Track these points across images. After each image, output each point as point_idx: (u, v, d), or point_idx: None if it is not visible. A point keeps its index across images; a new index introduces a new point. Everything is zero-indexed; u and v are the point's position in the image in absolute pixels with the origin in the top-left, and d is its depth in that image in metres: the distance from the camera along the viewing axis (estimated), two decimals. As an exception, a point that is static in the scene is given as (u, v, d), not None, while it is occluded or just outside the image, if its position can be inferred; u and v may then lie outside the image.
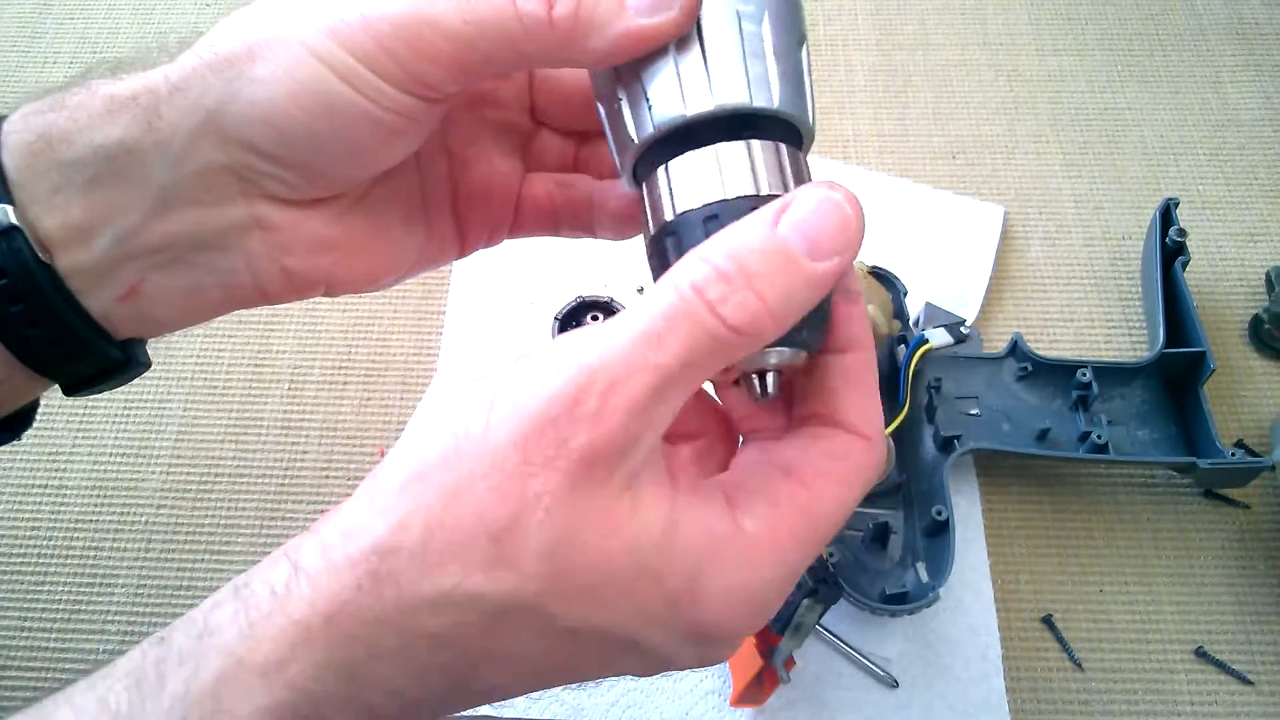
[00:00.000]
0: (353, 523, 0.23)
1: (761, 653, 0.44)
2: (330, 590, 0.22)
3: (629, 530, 0.22)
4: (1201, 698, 0.47)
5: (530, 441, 0.22)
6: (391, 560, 0.22)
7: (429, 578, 0.22)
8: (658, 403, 0.22)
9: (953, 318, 0.52)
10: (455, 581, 0.22)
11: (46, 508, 0.53)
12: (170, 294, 0.29)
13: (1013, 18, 0.70)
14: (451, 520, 0.22)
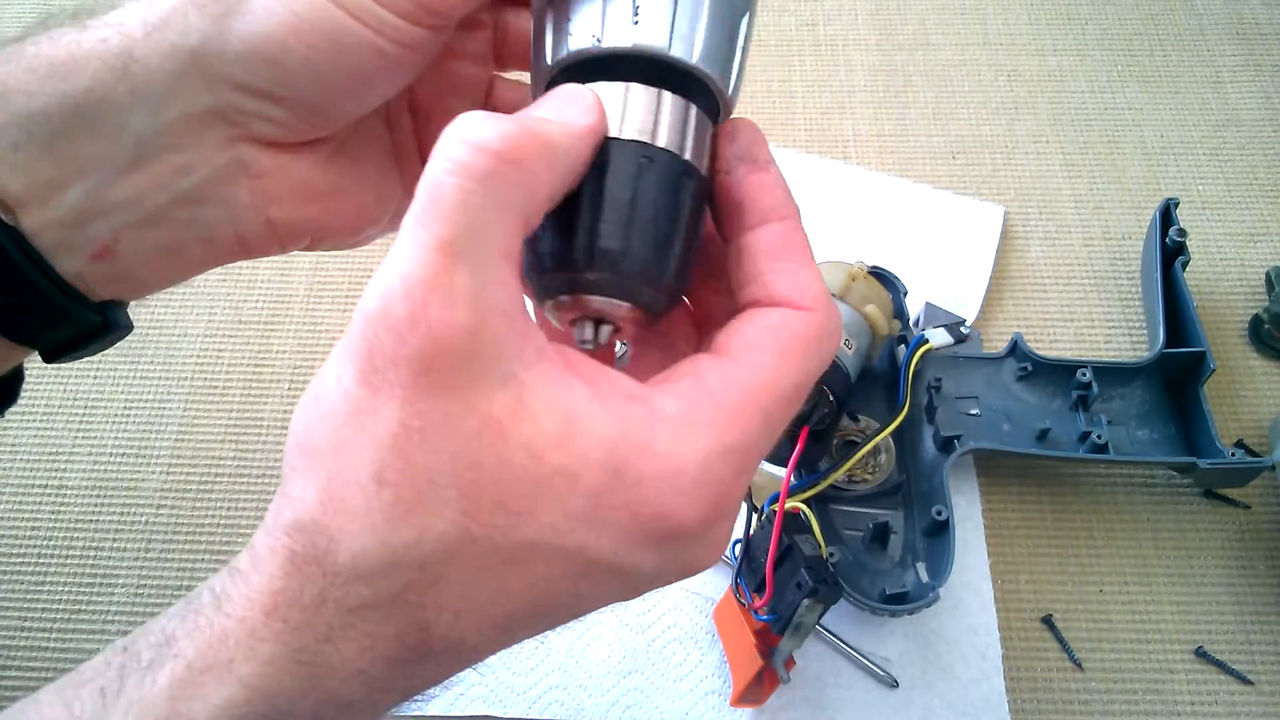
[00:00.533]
0: (269, 515, 0.22)
1: (761, 653, 0.44)
2: (261, 584, 0.21)
3: (520, 431, 0.20)
4: (1201, 698, 0.47)
5: (368, 373, 0.20)
6: (301, 537, 0.21)
7: (339, 544, 0.21)
8: (466, 272, 0.20)
9: (953, 318, 0.52)
10: (364, 541, 0.20)
11: (47, 508, 0.53)
12: (146, 251, 0.28)
13: (1012, 18, 0.70)
14: (338, 478, 0.21)
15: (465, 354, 0.20)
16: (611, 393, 0.22)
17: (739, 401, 0.22)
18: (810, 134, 0.65)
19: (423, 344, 0.20)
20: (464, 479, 0.20)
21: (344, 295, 0.59)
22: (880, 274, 0.53)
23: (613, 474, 0.21)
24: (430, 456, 0.20)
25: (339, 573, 0.21)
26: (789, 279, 0.24)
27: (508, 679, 0.47)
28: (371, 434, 0.20)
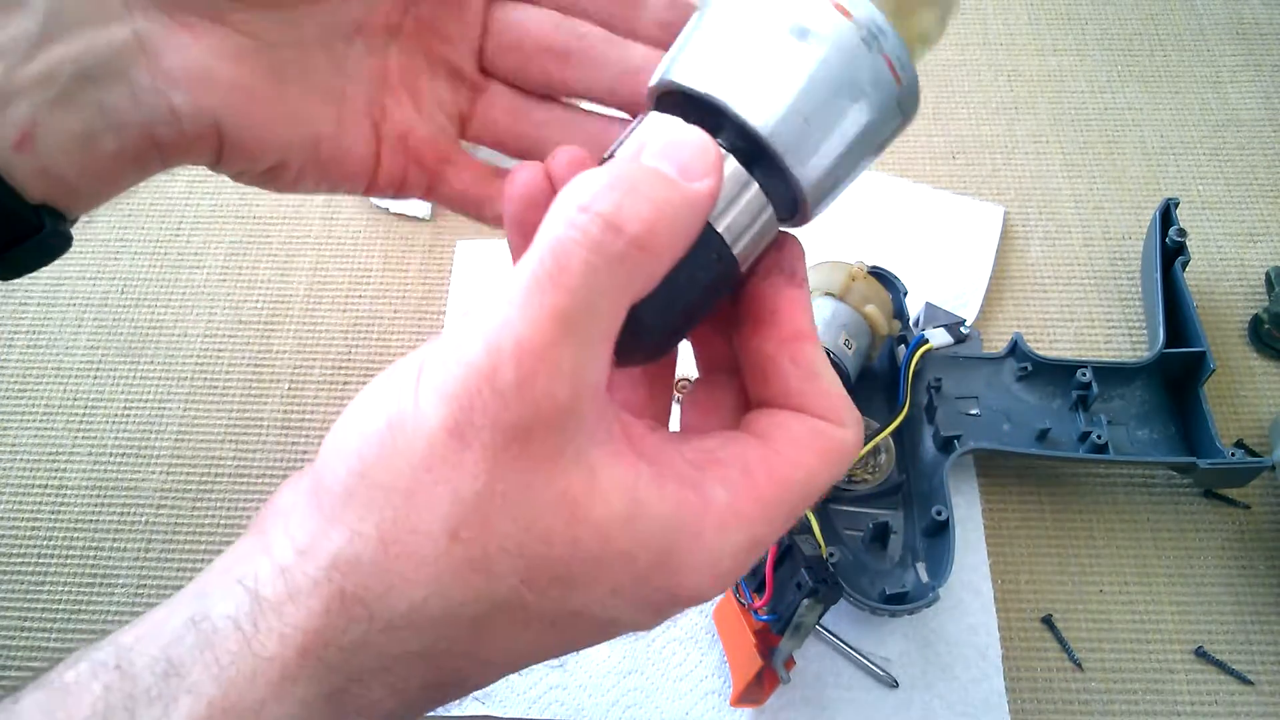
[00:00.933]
0: (305, 535, 0.21)
1: (761, 653, 0.44)
2: (298, 620, 0.21)
3: (593, 512, 0.21)
4: (1201, 698, 0.47)
5: (461, 427, 0.20)
6: (354, 576, 0.20)
7: (397, 591, 0.20)
8: (574, 349, 0.20)
9: (953, 318, 0.52)
10: (425, 594, 0.20)
11: (46, 508, 0.53)
12: (65, 141, 0.27)
13: (1012, 17, 0.70)
14: (406, 522, 0.20)
15: (557, 429, 0.20)
16: (671, 476, 0.22)
17: (777, 498, 0.23)
18: (810, 134, 0.65)
19: (524, 413, 0.20)
20: (533, 550, 0.21)
21: (343, 295, 0.59)
22: (880, 274, 0.53)
23: (663, 558, 0.22)
24: (507, 523, 0.20)
25: (390, 620, 0.21)
26: (825, 401, 0.25)
27: (508, 679, 0.47)
28: (453, 488, 0.20)
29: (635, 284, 0.21)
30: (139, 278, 0.60)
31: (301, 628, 0.20)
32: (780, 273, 0.25)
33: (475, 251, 0.60)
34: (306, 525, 0.21)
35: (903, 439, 0.51)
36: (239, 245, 0.61)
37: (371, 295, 0.59)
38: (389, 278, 0.60)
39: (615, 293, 0.21)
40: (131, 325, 0.59)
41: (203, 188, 0.64)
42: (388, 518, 0.20)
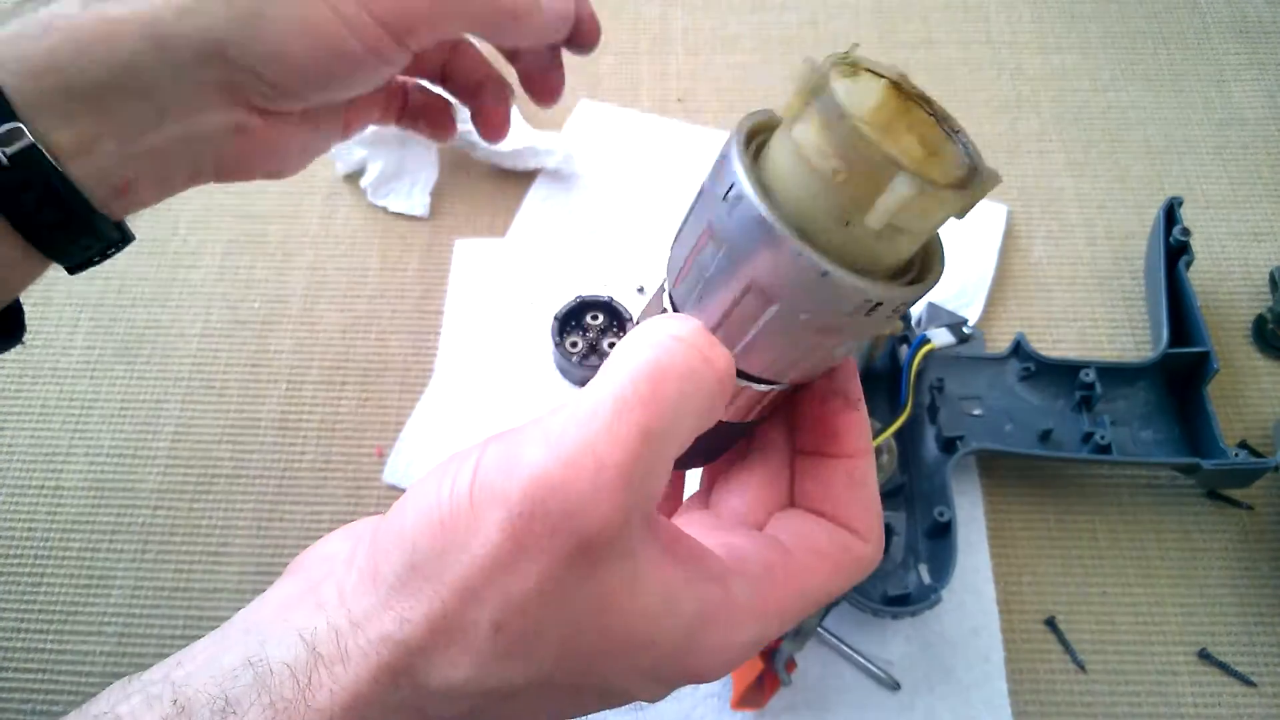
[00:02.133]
0: (360, 609, 0.23)
1: (762, 655, 0.44)
2: (347, 681, 0.22)
3: (630, 609, 0.23)
4: (1205, 700, 0.47)
5: (522, 534, 0.21)
6: (401, 655, 0.22)
7: (439, 672, 0.22)
8: (647, 470, 0.22)
9: (955, 318, 0.52)
10: (466, 676, 0.22)
11: (43, 508, 0.53)
12: (152, 186, 0.34)
13: (1016, 16, 0.70)
14: (455, 615, 0.22)
15: (615, 540, 0.22)
16: (699, 576, 0.24)
17: (791, 602, 0.25)
18: (811, 132, 0.65)
19: (588, 527, 0.21)
20: (567, 638, 0.23)
21: (341, 295, 0.59)
22: (882, 273, 0.52)
23: (684, 646, 0.24)
24: (550, 621, 0.22)
25: (429, 691, 0.22)
26: (862, 513, 0.27)
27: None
28: (504, 591, 0.22)
29: (712, 414, 0.23)
30: (136, 277, 0.60)
31: (350, 689, 0.22)
32: (836, 396, 0.27)
33: (473, 250, 0.60)
34: (360, 601, 0.23)
35: (905, 439, 0.51)
36: (236, 244, 0.61)
37: (369, 294, 0.59)
38: (387, 277, 0.60)
39: (695, 420, 0.23)
40: (128, 325, 0.58)
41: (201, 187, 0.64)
42: (436, 609, 0.22)
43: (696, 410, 0.23)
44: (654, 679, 0.24)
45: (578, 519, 0.21)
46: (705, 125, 0.65)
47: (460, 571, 0.22)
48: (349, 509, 0.52)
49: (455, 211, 0.62)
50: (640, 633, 0.23)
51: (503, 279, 0.58)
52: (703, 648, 0.24)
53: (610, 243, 0.60)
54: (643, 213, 0.61)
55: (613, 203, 0.54)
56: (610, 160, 0.63)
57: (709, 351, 0.23)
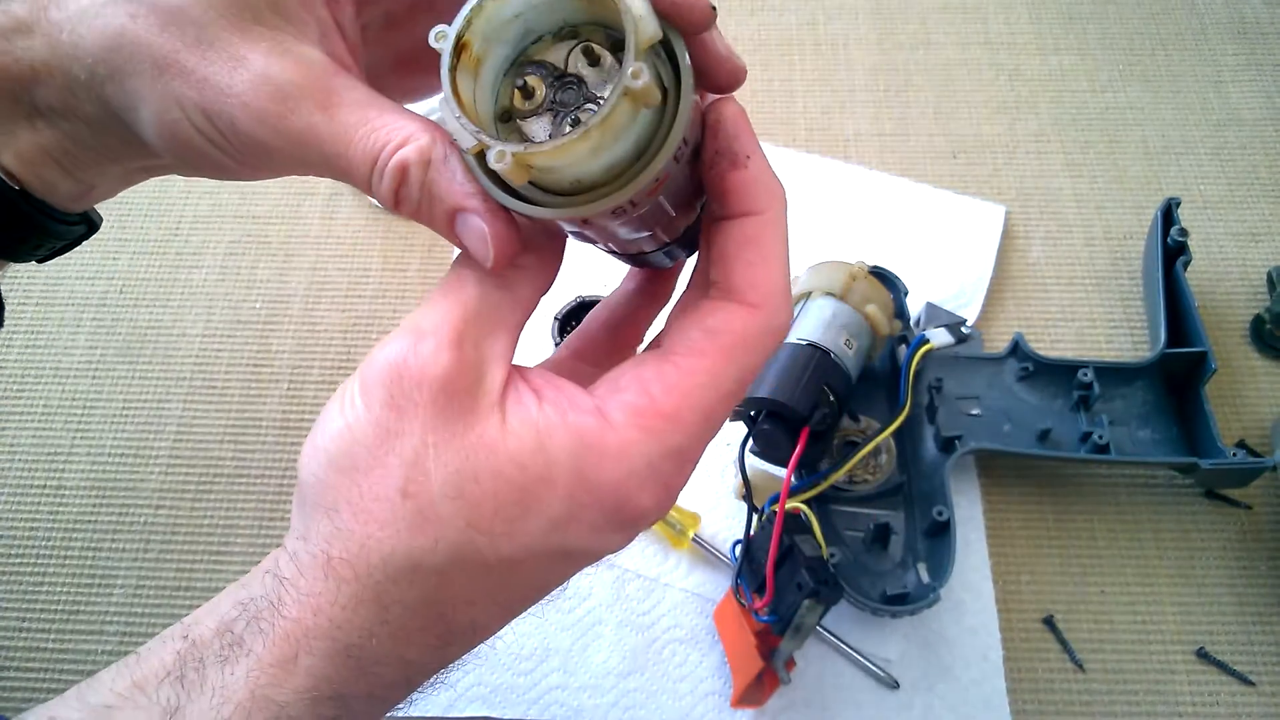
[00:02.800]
0: (301, 526, 0.26)
1: (762, 654, 0.44)
2: (307, 589, 0.25)
3: (506, 447, 0.25)
4: (1203, 698, 0.47)
5: (394, 399, 0.25)
6: (335, 545, 0.25)
7: (370, 549, 0.24)
8: (475, 329, 0.25)
9: (954, 318, 0.52)
10: (391, 547, 0.24)
11: (45, 508, 0.53)
12: (113, 182, 0.33)
13: (1014, 17, 0.70)
14: (370, 493, 0.24)
15: (471, 386, 0.25)
16: (571, 409, 0.26)
17: (678, 407, 0.25)
18: (810, 133, 0.65)
19: (442, 373, 0.25)
20: (467, 491, 0.24)
21: (343, 295, 0.59)
22: (881, 274, 0.53)
23: (579, 477, 0.25)
24: (441, 470, 0.24)
25: (369, 574, 0.24)
26: (746, 272, 0.26)
27: (508, 680, 0.47)
28: (399, 453, 0.24)
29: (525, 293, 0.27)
30: (138, 277, 0.60)
31: (308, 593, 0.25)
32: (721, 158, 0.26)
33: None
34: (301, 519, 0.26)
35: (904, 439, 0.51)
36: (238, 245, 0.61)
37: (371, 295, 0.59)
38: (388, 277, 0.60)
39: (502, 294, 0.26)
40: (130, 325, 0.59)
41: (201, 187, 0.64)
42: (354, 494, 0.25)
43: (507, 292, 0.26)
44: (584, 525, 0.25)
45: (429, 372, 0.24)
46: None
47: (363, 454, 0.25)
48: (350, 508, 0.53)
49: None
50: (529, 469, 0.24)
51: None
52: (601, 475, 0.25)
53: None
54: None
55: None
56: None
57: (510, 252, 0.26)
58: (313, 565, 0.25)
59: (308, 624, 0.24)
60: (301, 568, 0.25)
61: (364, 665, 0.25)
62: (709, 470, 0.53)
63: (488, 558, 0.25)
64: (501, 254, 0.25)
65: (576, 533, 0.25)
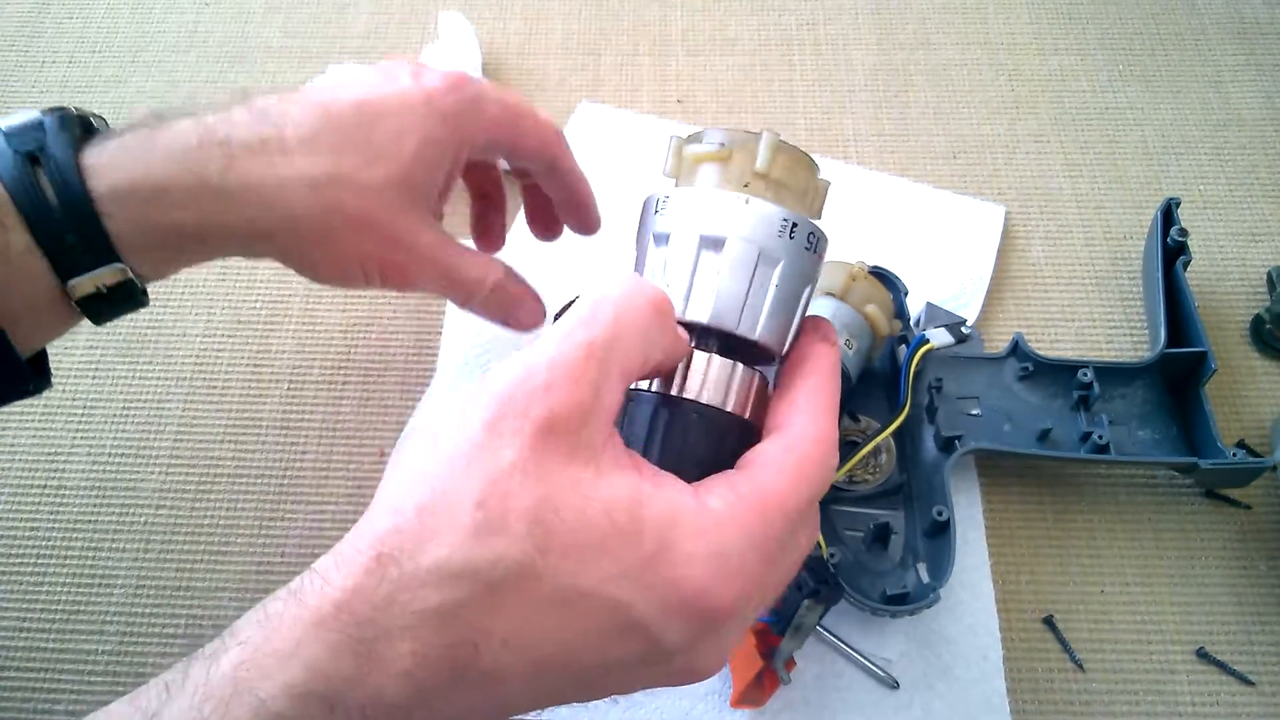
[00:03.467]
0: (362, 522, 0.25)
1: (762, 653, 0.44)
2: (340, 580, 0.24)
3: (600, 494, 0.25)
4: (1203, 699, 0.47)
5: (496, 421, 0.25)
6: (392, 541, 0.24)
7: (425, 551, 0.24)
8: (597, 372, 0.26)
9: (953, 318, 0.52)
10: (449, 551, 0.24)
11: (45, 508, 0.53)
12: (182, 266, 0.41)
13: (1013, 17, 0.70)
14: (441, 498, 0.24)
15: (575, 430, 0.25)
16: (669, 483, 0.27)
17: (765, 505, 0.27)
18: (810, 133, 0.65)
19: (549, 410, 0.25)
20: (545, 519, 0.24)
21: (343, 295, 0.59)
22: (881, 274, 0.53)
23: (665, 546, 0.25)
24: (525, 495, 0.24)
25: (416, 574, 0.24)
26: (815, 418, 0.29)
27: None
28: (484, 468, 0.25)
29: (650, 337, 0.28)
30: (138, 277, 0.60)
31: (340, 586, 0.24)
32: (815, 332, 0.32)
33: (475, 251, 0.60)
34: (359, 524, 0.26)
35: (903, 439, 0.51)
36: (238, 245, 0.61)
37: (371, 295, 0.59)
38: (388, 277, 0.60)
39: (636, 340, 0.27)
40: (130, 325, 0.59)
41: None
42: (426, 496, 0.25)
43: (635, 330, 0.27)
44: (648, 589, 0.25)
45: (539, 404, 0.25)
46: (705, 126, 0.65)
47: (448, 466, 0.25)
48: (350, 509, 0.53)
49: (456, 212, 0.62)
50: (617, 521, 0.25)
51: (503, 279, 0.59)
52: (686, 549, 0.25)
53: (611, 242, 0.60)
54: (642, 213, 0.61)
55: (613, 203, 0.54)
56: (610, 161, 0.63)
57: (642, 285, 0.28)
58: (354, 560, 0.24)
59: (324, 614, 0.24)
60: (341, 559, 0.25)
61: (368, 669, 0.24)
62: (709, 470, 0.53)
63: (542, 590, 0.24)
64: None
65: (643, 598, 0.25)
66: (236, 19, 0.72)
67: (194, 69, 0.70)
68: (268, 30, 0.71)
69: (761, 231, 0.30)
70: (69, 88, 0.69)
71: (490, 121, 0.42)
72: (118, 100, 0.68)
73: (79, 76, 0.69)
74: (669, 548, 0.25)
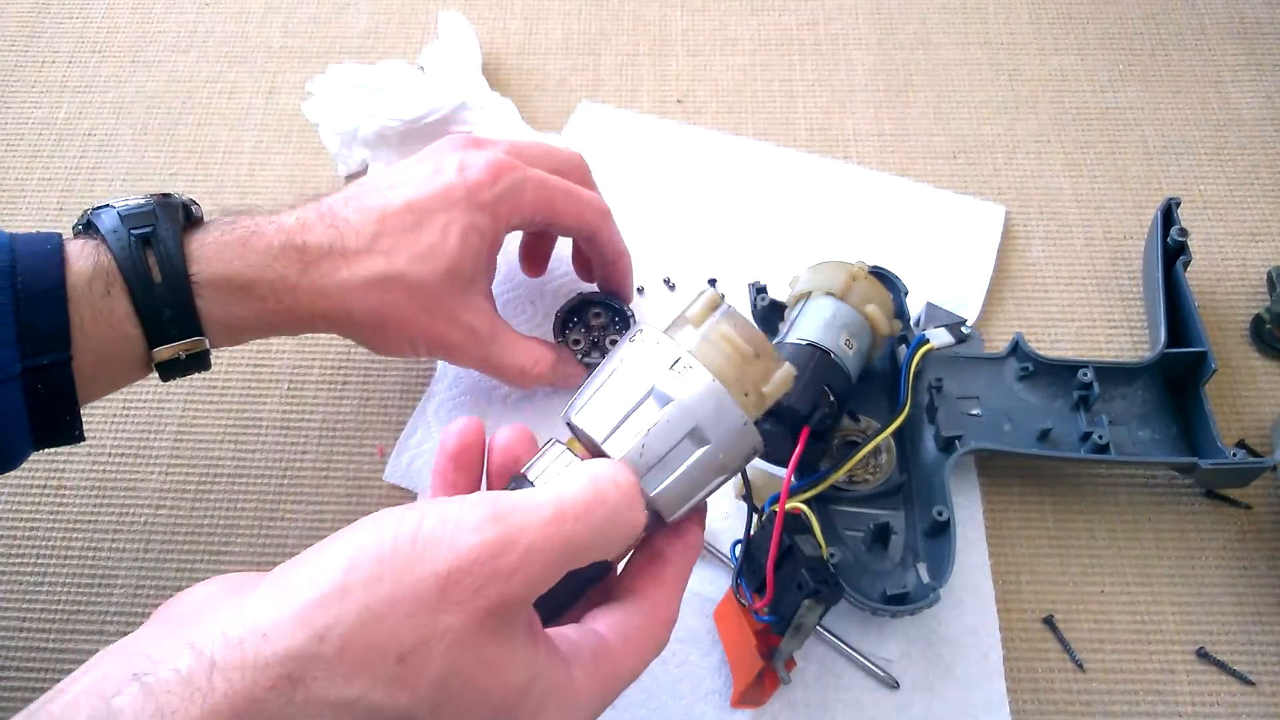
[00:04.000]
0: (268, 624, 0.25)
1: (762, 653, 0.44)
2: (244, 688, 0.24)
3: (505, 676, 0.27)
4: (1203, 698, 0.47)
5: (452, 582, 0.26)
6: (308, 668, 0.25)
7: (337, 687, 0.25)
8: (557, 569, 0.28)
9: (954, 318, 0.52)
10: (360, 693, 0.25)
11: (45, 508, 0.53)
12: None
13: (1014, 17, 0.70)
14: (367, 638, 0.25)
15: (517, 614, 0.28)
16: (553, 661, 0.30)
17: (615, 677, 0.31)
18: (810, 133, 0.65)
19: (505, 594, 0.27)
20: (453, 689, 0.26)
21: (343, 295, 0.59)
22: (881, 274, 0.53)
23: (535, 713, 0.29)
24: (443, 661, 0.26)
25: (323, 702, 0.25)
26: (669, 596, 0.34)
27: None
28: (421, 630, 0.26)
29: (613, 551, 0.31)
30: (138, 277, 0.60)
31: (246, 694, 0.24)
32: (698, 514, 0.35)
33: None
34: (269, 614, 0.26)
35: (904, 439, 0.51)
36: (238, 245, 0.61)
37: (371, 295, 0.59)
38: (388, 277, 0.60)
39: (602, 552, 0.30)
40: (130, 325, 0.59)
41: (203, 186, 0.64)
42: (353, 632, 0.25)
43: (607, 542, 0.30)
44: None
45: (499, 586, 0.26)
46: (705, 126, 0.65)
47: (386, 603, 0.26)
48: (350, 508, 0.53)
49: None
50: (508, 699, 0.28)
51: (502, 279, 0.59)
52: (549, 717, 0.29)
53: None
54: (643, 213, 0.61)
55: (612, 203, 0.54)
56: (610, 161, 0.63)
57: (636, 502, 0.30)
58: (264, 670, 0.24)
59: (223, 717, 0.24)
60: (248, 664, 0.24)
61: None
62: (709, 470, 0.53)
63: None
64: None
65: None
66: (236, 19, 0.72)
67: (194, 69, 0.70)
68: (268, 30, 0.71)
69: (740, 449, 0.32)
70: (69, 88, 0.69)
71: (529, 205, 0.47)
72: (118, 100, 0.68)
73: (79, 76, 0.69)
74: (535, 717, 0.29)
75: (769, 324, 0.53)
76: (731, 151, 0.64)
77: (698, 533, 0.35)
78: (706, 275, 0.59)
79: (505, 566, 0.26)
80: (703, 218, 0.61)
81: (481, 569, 0.26)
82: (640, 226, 0.61)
